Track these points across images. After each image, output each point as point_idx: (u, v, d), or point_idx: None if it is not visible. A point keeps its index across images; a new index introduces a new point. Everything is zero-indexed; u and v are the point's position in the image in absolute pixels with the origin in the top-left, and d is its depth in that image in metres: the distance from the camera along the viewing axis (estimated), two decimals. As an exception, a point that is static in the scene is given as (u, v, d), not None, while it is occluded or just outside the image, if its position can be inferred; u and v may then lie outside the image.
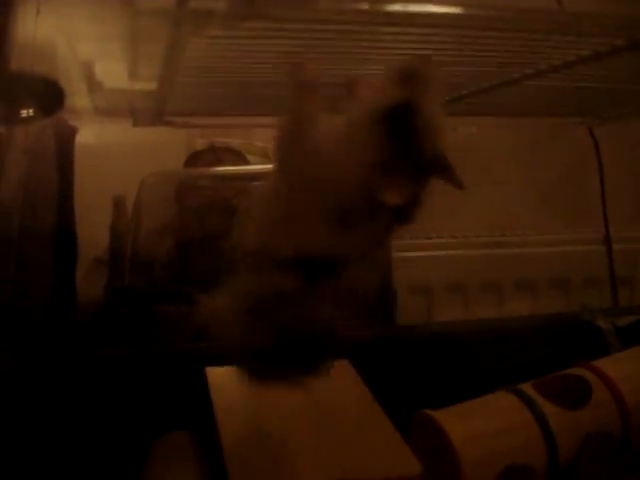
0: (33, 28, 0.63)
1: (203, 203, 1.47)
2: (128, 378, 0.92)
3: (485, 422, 0.83)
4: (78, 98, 0.87)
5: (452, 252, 1.62)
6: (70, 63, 0.73)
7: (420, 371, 1.02)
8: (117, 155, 1.46)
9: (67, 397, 0.89)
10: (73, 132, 1.13)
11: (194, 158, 1.59)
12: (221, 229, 1.43)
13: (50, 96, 0.82)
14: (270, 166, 1.72)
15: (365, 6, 0.52)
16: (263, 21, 0.52)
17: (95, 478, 0.85)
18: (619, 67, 0.74)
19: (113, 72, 0.74)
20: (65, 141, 1.12)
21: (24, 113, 0.86)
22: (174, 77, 0.67)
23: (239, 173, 1.57)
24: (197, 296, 1.36)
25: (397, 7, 0.57)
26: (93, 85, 0.79)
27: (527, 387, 0.88)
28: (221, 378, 0.86)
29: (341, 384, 0.86)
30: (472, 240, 1.65)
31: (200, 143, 1.68)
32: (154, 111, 0.86)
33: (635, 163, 1.74)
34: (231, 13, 0.46)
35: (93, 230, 1.39)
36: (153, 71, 0.68)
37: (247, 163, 1.63)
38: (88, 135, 1.26)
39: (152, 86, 0.73)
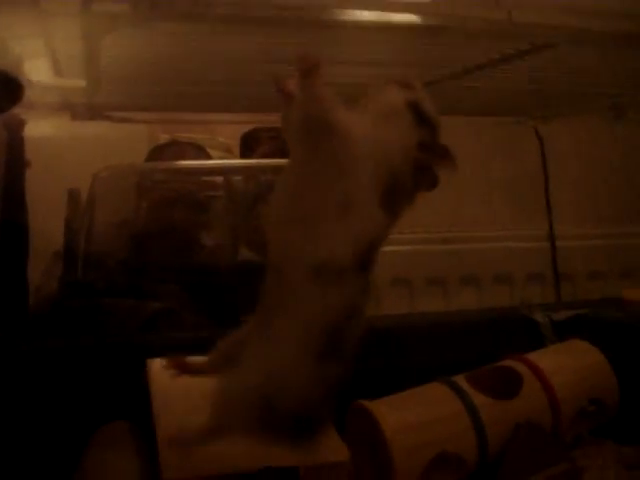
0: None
1: (168, 196, 1.48)
2: (72, 369, 0.94)
3: (417, 412, 0.86)
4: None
5: (399, 248, 1.65)
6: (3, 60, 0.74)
7: (361, 363, 1.04)
8: (74, 149, 1.46)
9: (11, 386, 0.90)
10: (21, 124, 1.13)
11: (156, 152, 1.60)
12: (187, 223, 1.44)
13: (8, 91, 0.83)
14: (232, 160, 1.72)
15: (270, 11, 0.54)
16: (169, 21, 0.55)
17: (38, 465, 0.87)
18: (543, 69, 0.78)
19: (40, 69, 0.75)
20: (14, 134, 1.13)
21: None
22: (98, 74, 0.69)
23: (200, 167, 1.58)
24: (149, 289, 1.37)
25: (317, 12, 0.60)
26: (27, 83, 0.80)
27: (460, 379, 0.91)
28: (161, 369, 0.87)
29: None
30: (419, 236, 1.69)
31: (163, 138, 1.69)
32: (89, 106, 0.88)
33: (579, 163, 1.79)
34: (135, 15, 0.48)
35: (52, 224, 1.39)
36: (77, 69, 0.69)
37: (209, 158, 1.64)
38: (38, 128, 1.26)
39: (81, 83, 0.75)
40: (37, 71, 0.75)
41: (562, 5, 0.63)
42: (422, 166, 0.66)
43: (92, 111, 0.89)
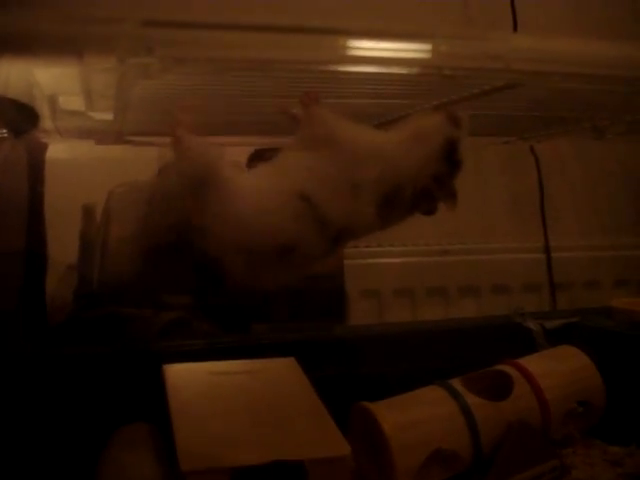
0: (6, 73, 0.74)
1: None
2: (96, 374, 0.99)
3: (415, 412, 0.92)
4: (46, 122, 0.95)
5: (402, 259, 1.71)
6: (39, 95, 0.82)
7: (366, 367, 1.10)
8: (92, 169, 1.52)
9: (38, 391, 0.96)
10: (44, 148, 1.20)
11: (166, 170, 1.66)
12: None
13: (23, 118, 0.91)
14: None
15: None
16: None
17: (61, 463, 0.92)
18: (527, 99, 0.86)
19: (74, 104, 0.83)
20: (36, 156, 1.20)
21: (-1, 133, 0.95)
22: (126, 112, 0.77)
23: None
24: (162, 300, 1.42)
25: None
26: (57, 114, 0.88)
27: (455, 382, 0.97)
28: (177, 374, 0.94)
29: (286, 379, 0.95)
30: (420, 248, 1.75)
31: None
32: (113, 133, 0.96)
33: (572, 179, 1.85)
34: (164, 68, 0.56)
35: (67, 238, 1.45)
36: (108, 105, 0.78)
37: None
38: (68, 151, 1.33)
39: (109, 116, 0.83)
40: (72, 104, 0.83)
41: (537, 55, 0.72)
42: (428, 194, 0.74)
43: (115, 138, 0.97)
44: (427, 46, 0.72)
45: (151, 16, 0.53)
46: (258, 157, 1.76)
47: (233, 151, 1.81)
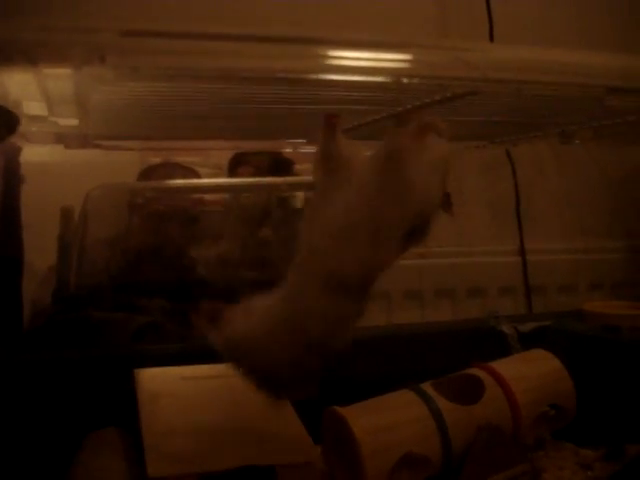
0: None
1: (158, 213, 1.53)
2: (65, 378, 0.99)
3: (385, 416, 0.92)
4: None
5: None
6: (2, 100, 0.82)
7: (338, 370, 1.10)
8: (64, 172, 1.52)
9: (9, 396, 0.96)
10: (18, 151, 1.20)
11: (146, 173, 1.66)
12: (180, 237, 1.49)
13: (3, 122, 0.91)
14: (214, 180, 1.77)
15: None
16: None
17: (31, 469, 0.92)
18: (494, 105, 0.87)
19: (38, 109, 0.83)
20: (11, 159, 1.20)
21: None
22: (88, 116, 0.78)
23: (187, 186, 1.63)
24: (138, 303, 1.42)
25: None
26: (22, 119, 0.88)
27: (426, 386, 0.97)
28: (148, 378, 0.94)
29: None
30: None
31: (154, 161, 1.75)
32: (80, 138, 0.96)
33: (549, 182, 1.87)
34: (118, 76, 0.56)
35: (47, 240, 1.44)
36: (70, 110, 0.78)
37: (198, 177, 1.71)
38: (35, 155, 1.33)
39: (73, 122, 0.84)
40: (34, 109, 0.83)
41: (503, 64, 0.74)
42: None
43: (84, 141, 0.97)
44: (396, 55, 0.73)
45: (103, 25, 0.53)
46: (235, 162, 1.78)
47: (215, 154, 1.82)
